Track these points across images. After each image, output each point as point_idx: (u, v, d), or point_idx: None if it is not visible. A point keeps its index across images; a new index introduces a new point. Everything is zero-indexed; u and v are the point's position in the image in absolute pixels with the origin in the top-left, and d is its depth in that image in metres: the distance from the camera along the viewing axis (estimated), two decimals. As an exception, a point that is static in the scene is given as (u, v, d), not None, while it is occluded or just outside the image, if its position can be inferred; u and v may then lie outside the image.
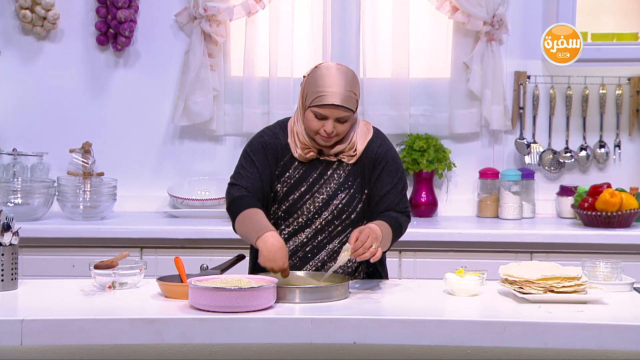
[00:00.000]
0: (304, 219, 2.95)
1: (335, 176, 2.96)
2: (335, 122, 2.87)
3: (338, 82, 2.85)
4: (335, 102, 2.84)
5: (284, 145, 2.97)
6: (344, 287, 2.72)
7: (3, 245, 2.78)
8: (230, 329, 2.47)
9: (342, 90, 2.84)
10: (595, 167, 4.63)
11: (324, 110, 2.85)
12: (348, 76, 2.88)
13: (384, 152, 2.97)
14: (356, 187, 2.96)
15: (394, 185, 2.96)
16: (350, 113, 2.87)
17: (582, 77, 4.55)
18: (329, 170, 2.96)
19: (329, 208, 2.94)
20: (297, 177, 2.95)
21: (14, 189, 4.27)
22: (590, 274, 2.89)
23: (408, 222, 3.00)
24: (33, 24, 4.50)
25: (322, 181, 2.95)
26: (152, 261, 3.80)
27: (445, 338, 2.48)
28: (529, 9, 4.54)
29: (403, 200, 2.98)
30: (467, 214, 4.60)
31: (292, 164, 2.97)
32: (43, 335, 2.46)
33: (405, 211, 2.98)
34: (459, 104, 4.55)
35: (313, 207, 2.95)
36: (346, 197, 2.95)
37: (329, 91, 2.84)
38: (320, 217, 2.94)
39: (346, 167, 2.96)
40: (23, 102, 4.59)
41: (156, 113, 4.60)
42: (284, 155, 2.97)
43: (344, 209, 2.94)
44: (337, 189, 2.94)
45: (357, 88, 2.90)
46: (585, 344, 2.46)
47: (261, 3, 4.47)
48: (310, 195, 2.95)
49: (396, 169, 2.98)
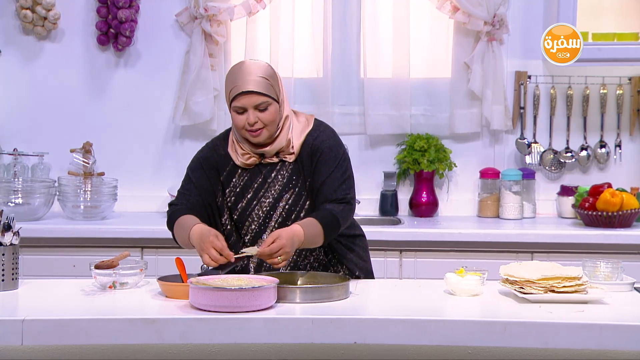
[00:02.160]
0: (257, 225, 2.95)
1: (279, 177, 2.94)
2: (255, 111, 2.86)
3: (247, 71, 2.86)
4: (245, 89, 2.84)
5: (224, 155, 2.98)
6: (345, 287, 2.72)
7: (4, 245, 2.78)
8: (231, 328, 2.47)
9: (252, 77, 2.85)
10: (596, 167, 4.63)
11: (240, 102, 2.86)
12: (259, 66, 2.90)
13: (319, 143, 2.93)
14: (301, 185, 2.93)
15: (330, 175, 2.90)
16: (267, 99, 2.86)
17: (582, 77, 4.55)
18: (273, 172, 2.95)
19: (277, 211, 2.93)
20: (243, 185, 2.96)
21: (15, 189, 4.27)
22: (590, 274, 2.89)
23: (348, 208, 2.90)
24: (34, 24, 4.51)
25: (267, 185, 2.94)
26: (153, 261, 3.81)
27: (445, 338, 2.48)
28: (529, 8, 4.54)
29: (342, 188, 2.90)
30: (467, 214, 4.60)
31: (236, 172, 2.97)
32: (44, 335, 2.46)
33: (344, 199, 2.89)
34: (459, 104, 4.55)
35: (262, 212, 2.94)
36: (292, 197, 2.93)
37: (239, 82, 2.86)
38: (272, 221, 2.94)
39: (289, 166, 2.95)
40: (24, 102, 4.59)
41: (157, 113, 4.61)
42: (225, 165, 2.98)
43: (291, 209, 2.93)
44: (281, 190, 2.93)
45: (272, 76, 2.89)
46: (586, 344, 2.46)
47: (262, 3, 4.47)
48: (257, 201, 2.94)
49: (333, 157, 2.92)
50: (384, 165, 4.60)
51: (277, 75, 2.93)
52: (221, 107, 4.55)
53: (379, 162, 4.60)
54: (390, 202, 4.54)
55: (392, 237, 4.07)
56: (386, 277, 3.97)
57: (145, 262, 2.92)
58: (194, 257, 2.90)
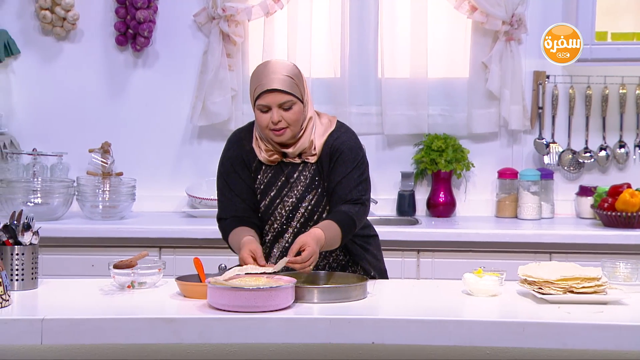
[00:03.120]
0: (279, 224, 2.95)
1: (301, 178, 2.94)
2: (279, 109, 2.85)
3: (273, 70, 2.86)
4: (270, 87, 2.83)
5: (249, 151, 2.98)
6: (362, 287, 2.72)
7: (23, 244, 2.80)
8: (249, 328, 2.48)
9: (277, 76, 2.84)
10: (615, 167, 4.60)
11: (264, 100, 2.85)
12: (285, 65, 2.90)
13: (339, 144, 2.92)
14: (323, 186, 2.93)
15: (346, 175, 2.90)
16: (291, 97, 2.86)
17: (601, 77, 4.53)
18: (295, 172, 2.95)
19: (299, 211, 2.93)
20: (266, 182, 2.96)
21: (34, 189, 4.29)
22: (610, 274, 2.87)
23: (363, 210, 2.91)
24: (53, 25, 4.53)
25: (289, 185, 2.94)
26: (171, 261, 3.80)
27: (463, 338, 2.47)
28: (548, 8, 4.52)
29: (358, 189, 2.90)
30: (485, 214, 4.58)
31: (261, 168, 2.97)
32: (63, 335, 2.47)
33: (359, 200, 2.90)
34: (477, 104, 4.53)
35: (284, 212, 2.94)
36: (314, 199, 2.93)
37: (264, 81, 2.85)
38: (294, 221, 2.94)
39: (311, 167, 2.94)
40: (43, 102, 4.62)
41: (174, 113, 4.62)
42: (251, 161, 2.98)
43: (313, 210, 2.93)
44: (304, 191, 2.93)
45: (297, 76, 2.89)
46: (605, 344, 2.45)
47: (279, 3, 4.48)
48: (280, 200, 2.94)
49: (353, 158, 2.92)
50: (401, 165, 4.59)
51: (302, 76, 2.93)
52: (239, 107, 4.56)
53: (397, 162, 4.59)
54: (408, 202, 4.54)
55: (410, 237, 4.06)
56: (403, 277, 3.96)
57: (164, 261, 2.93)
58: (211, 257, 2.91)
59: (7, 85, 4.60)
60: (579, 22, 4.26)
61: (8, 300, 2.60)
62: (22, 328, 2.46)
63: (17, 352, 2.57)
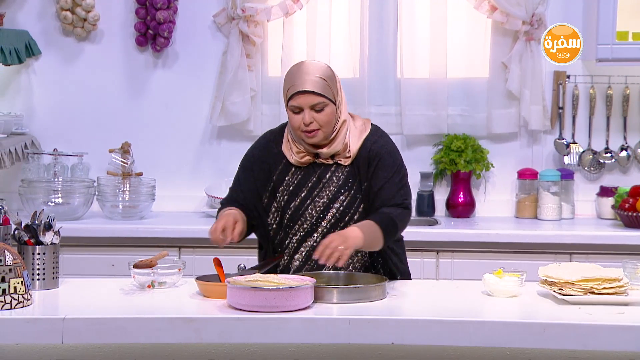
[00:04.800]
0: (309, 225, 2.94)
1: (334, 179, 2.94)
2: (311, 111, 2.86)
3: (305, 71, 2.87)
4: (302, 88, 2.84)
5: (277, 154, 2.99)
6: (382, 287, 2.72)
7: (44, 244, 2.82)
8: (268, 328, 2.48)
9: (310, 77, 2.85)
10: (636, 168, 4.58)
11: (296, 101, 2.86)
12: (318, 66, 2.91)
13: (378, 148, 2.93)
14: (356, 188, 2.93)
15: (388, 180, 2.90)
16: (323, 99, 2.86)
17: (622, 77, 4.50)
18: (327, 173, 2.94)
19: (330, 211, 2.93)
20: (296, 183, 2.95)
21: (55, 189, 4.32)
22: (631, 275, 2.85)
23: (406, 213, 2.92)
24: (74, 25, 4.55)
25: (321, 185, 2.94)
26: (190, 261, 3.82)
27: (484, 339, 2.46)
28: (568, 8, 4.49)
29: (400, 193, 2.91)
30: (505, 215, 4.57)
31: (289, 170, 2.97)
32: (84, 334, 2.49)
33: (402, 204, 2.90)
34: (497, 104, 4.52)
35: (315, 212, 2.93)
36: (347, 200, 2.92)
37: (297, 82, 2.86)
38: (324, 221, 2.93)
39: (344, 169, 2.94)
40: (63, 103, 4.64)
41: (194, 113, 4.63)
42: (277, 163, 2.98)
43: (345, 211, 2.92)
44: (336, 192, 2.93)
45: (330, 78, 2.89)
46: (627, 346, 2.43)
47: (299, 3, 4.48)
48: (310, 200, 2.94)
49: (392, 163, 2.92)
50: (420, 165, 4.58)
51: (336, 77, 2.93)
52: (258, 107, 4.57)
53: (416, 163, 4.58)
54: (427, 202, 4.53)
55: (429, 238, 4.06)
56: (423, 277, 3.95)
57: (183, 261, 2.94)
58: (231, 256, 2.92)
59: (28, 86, 4.63)
60: (599, 21, 4.23)
61: (29, 300, 2.62)
62: (44, 327, 2.48)
63: (39, 351, 2.58)
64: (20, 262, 2.63)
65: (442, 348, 2.55)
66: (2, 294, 2.56)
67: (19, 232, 2.83)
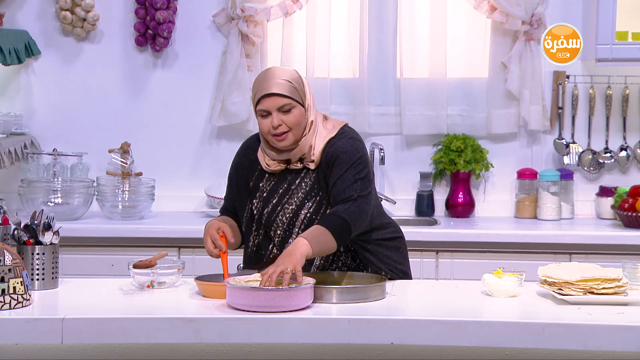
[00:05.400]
0: (282, 231, 2.93)
1: (302, 185, 2.93)
2: (279, 113, 2.85)
3: (272, 76, 2.88)
4: (267, 91, 2.85)
5: (253, 160, 3.00)
6: (381, 287, 2.72)
7: (44, 244, 2.82)
8: (268, 328, 2.48)
9: (275, 80, 2.86)
10: (636, 168, 4.58)
11: (264, 105, 2.86)
12: (284, 70, 2.92)
13: (334, 150, 2.88)
14: (322, 195, 2.91)
15: (340, 176, 2.84)
16: (290, 101, 2.85)
17: (622, 77, 4.50)
18: (297, 179, 2.94)
19: (299, 218, 2.91)
20: (269, 190, 2.96)
21: (54, 189, 4.32)
22: (630, 275, 2.85)
23: (355, 206, 2.80)
24: (73, 25, 4.55)
25: (290, 192, 2.93)
26: (190, 261, 3.82)
27: (483, 339, 2.46)
28: (568, 8, 4.49)
29: (352, 187, 2.82)
30: (504, 215, 4.57)
31: (264, 176, 2.98)
32: (83, 334, 2.49)
33: (350, 197, 2.81)
34: (496, 104, 4.52)
35: (285, 219, 2.92)
36: (313, 206, 2.90)
37: (262, 87, 2.87)
38: (295, 227, 2.91)
39: (311, 174, 2.93)
40: (63, 103, 4.64)
41: (194, 113, 4.63)
42: (254, 169, 3.00)
43: (312, 217, 2.89)
44: (304, 198, 2.92)
45: (296, 80, 2.88)
46: (626, 346, 2.44)
47: (298, 4, 4.48)
48: (280, 207, 2.93)
49: (347, 159, 2.85)
50: (420, 165, 4.58)
51: (303, 81, 2.92)
52: (258, 107, 4.57)
53: (415, 163, 4.58)
54: (427, 202, 4.53)
55: (429, 238, 4.06)
56: (422, 277, 3.95)
57: (183, 261, 2.94)
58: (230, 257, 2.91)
59: (28, 86, 4.63)
60: (599, 21, 4.23)
61: (29, 300, 2.62)
62: (43, 327, 2.48)
63: (38, 351, 2.58)
64: (20, 262, 2.63)
65: (442, 348, 2.55)
66: (1, 294, 2.56)
67: (19, 232, 2.83)
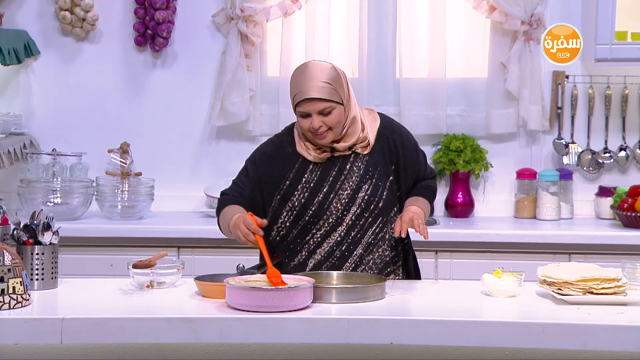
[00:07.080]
0: (334, 219, 2.95)
1: (354, 169, 2.97)
2: (319, 115, 2.88)
3: (309, 76, 2.88)
4: (307, 96, 2.86)
5: (292, 153, 3.00)
6: (381, 287, 2.72)
7: (43, 244, 2.82)
8: (267, 328, 2.48)
9: (313, 83, 2.86)
10: (635, 168, 4.58)
11: (303, 108, 2.88)
12: (321, 69, 2.91)
13: (397, 136, 3.04)
14: (378, 176, 2.97)
15: (417, 160, 3.07)
16: (330, 103, 2.87)
17: (621, 77, 4.51)
18: (347, 164, 2.97)
19: (356, 202, 2.95)
20: (317, 179, 2.96)
21: (54, 189, 4.32)
22: (630, 275, 2.85)
23: (435, 181, 3.19)
24: (72, 25, 4.55)
25: (343, 177, 2.96)
26: (189, 261, 3.82)
27: (482, 339, 2.46)
28: (567, 8, 4.50)
29: (427, 168, 3.14)
30: (504, 215, 4.57)
31: (307, 167, 2.98)
32: (83, 334, 2.49)
33: (432, 175, 3.15)
34: (496, 104, 4.52)
35: (340, 205, 2.95)
36: (370, 188, 2.96)
37: (302, 88, 2.88)
38: (349, 213, 2.95)
39: (363, 158, 2.98)
40: (62, 103, 4.64)
41: (193, 113, 4.63)
42: (293, 162, 2.99)
43: (370, 199, 2.95)
44: (359, 181, 2.96)
45: (335, 80, 2.90)
46: (625, 346, 2.44)
47: (298, 4, 4.48)
48: (334, 193, 2.95)
49: (414, 145, 3.08)
50: (419, 165, 4.58)
51: (342, 77, 2.94)
52: (257, 107, 4.57)
53: (415, 163, 4.58)
54: (426, 202, 4.53)
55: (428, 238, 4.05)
56: (422, 277, 3.95)
57: (182, 261, 2.94)
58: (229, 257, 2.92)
59: (27, 86, 4.63)
60: (598, 21, 4.24)
61: (28, 300, 2.62)
62: (42, 327, 2.48)
63: (38, 351, 2.58)
64: (19, 262, 2.63)
65: (441, 348, 2.55)
66: (1, 294, 2.56)
67: (18, 232, 2.83)
